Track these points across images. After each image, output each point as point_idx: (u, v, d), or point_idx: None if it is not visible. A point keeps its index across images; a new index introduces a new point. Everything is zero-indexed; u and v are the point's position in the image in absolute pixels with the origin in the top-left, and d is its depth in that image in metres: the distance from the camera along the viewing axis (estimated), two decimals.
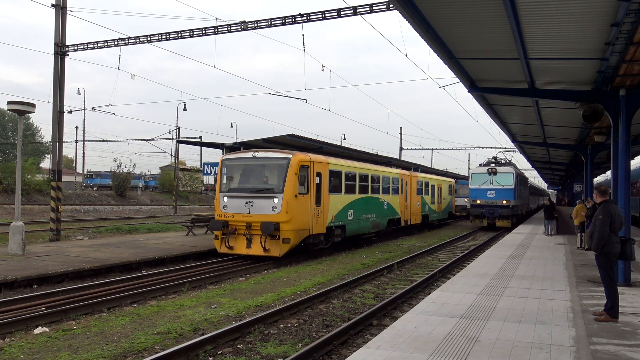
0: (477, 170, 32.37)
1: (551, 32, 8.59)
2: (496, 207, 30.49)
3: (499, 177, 30.84)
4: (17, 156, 16.40)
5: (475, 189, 31.57)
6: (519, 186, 32.59)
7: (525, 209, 39.72)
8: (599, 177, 47.69)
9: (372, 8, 15.88)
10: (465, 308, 8.11)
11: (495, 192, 30.58)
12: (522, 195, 34.79)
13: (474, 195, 31.35)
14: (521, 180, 34.79)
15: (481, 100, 14.88)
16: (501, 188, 30.65)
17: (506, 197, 30.38)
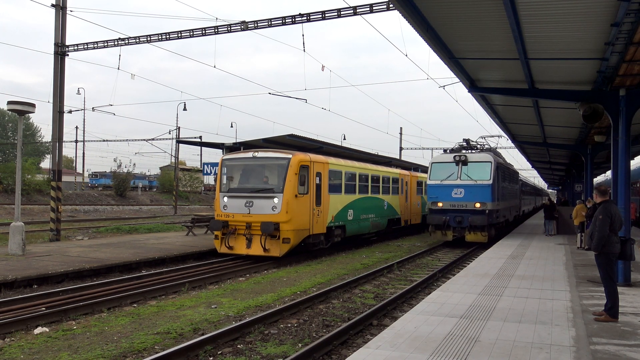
0: (438, 159, 21.59)
1: (551, 32, 8.59)
2: (465, 213, 20.02)
3: (471, 169, 20.52)
4: (17, 156, 16.40)
5: (436, 187, 20.94)
6: (501, 182, 22.16)
7: (514, 213, 28.39)
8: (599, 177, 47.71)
9: (372, 8, 15.88)
10: (465, 308, 8.11)
11: (463, 191, 20.26)
12: (506, 194, 23.85)
13: (434, 196, 20.96)
14: (505, 174, 23.74)
15: (481, 100, 14.88)
16: (473, 185, 20.18)
17: (480, 197, 20.01)
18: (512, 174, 27.74)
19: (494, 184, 20.29)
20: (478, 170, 20.39)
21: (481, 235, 19.99)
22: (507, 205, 24.49)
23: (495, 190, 20.37)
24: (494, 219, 20.42)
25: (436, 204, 20.76)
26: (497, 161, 21.51)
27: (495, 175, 20.51)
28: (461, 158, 20.64)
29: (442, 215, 20.35)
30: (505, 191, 23.69)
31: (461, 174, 20.53)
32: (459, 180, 20.48)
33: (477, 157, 20.81)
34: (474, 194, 20.11)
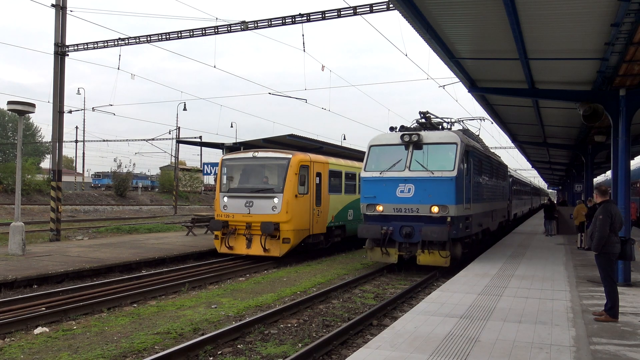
0: (379, 140, 14.49)
1: (551, 32, 8.59)
2: (417, 221, 13.37)
3: (427, 155, 13.67)
4: (17, 156, 16.40)
5: (373, 182, 13.93)
6: (476, 176, 15.24)
7: (500, 219, 21.08)
8: (599, 177, 47.73)
9: (372, 8, 15.88)
10: (465, 308, 8.11)
11: (414, 188, 13.35)
12: (485, 194, 16.83)
13: (370, 195, 13.95)
14: (483, 164, 16.75)
15: (481, 100, 14.89)
16: (428, 178, 13.26)
17: (439, 197, 13.16)
18: (496, 166, 20.25)
19: (462, 177, 13.26)
20: (437, 157, 13.31)
21: (440, 256, 12.89)
22: (487, 209, 17.14)
23: (463, 187, 13.35)
24: (462, 231, 13.26)
25: (374, 207, 13.50)
26: (468, 144, 14.03)
27: (464, 164, 13.52)
28: (412, 138, 13.30)
29: (382, 224, 13.36)
30: (483, 189, 16.41)
31: (411, 162, 13.27)
32: (407, 171, 13.20)
33: (437, 137, 13.63)
34: (430, 192, 12.93)
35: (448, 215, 12.82)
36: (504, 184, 23.27)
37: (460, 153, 13.20)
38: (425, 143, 13.58)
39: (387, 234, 13.34)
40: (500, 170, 21.91)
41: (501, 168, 22.31)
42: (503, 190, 22.52)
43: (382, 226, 13.42)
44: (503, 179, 22.67)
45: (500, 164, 22.52)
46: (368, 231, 13.59)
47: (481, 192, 16.19)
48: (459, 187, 13.15)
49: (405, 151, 13.62)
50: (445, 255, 13.13)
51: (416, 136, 13.52)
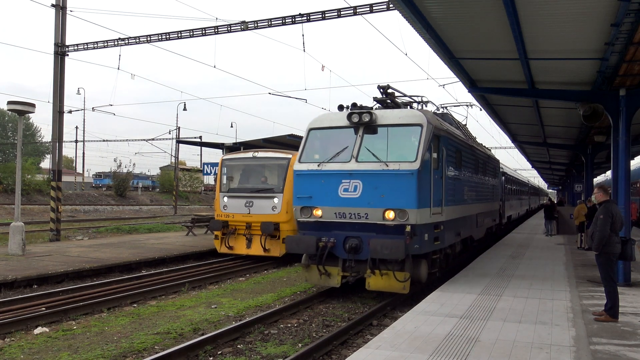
0: (321, 122, 10.95)
1: (551, 32, 8.59)
2: (365, 231, 9.85)
3: (381, 141, 10.22)
4: (17, 156, 16.40)
5: (309, 177, 10.39)
6: (451, 169, 11.67)
7: (488, 224, 17.84)
8: (599, 177, 47.76)
9: (372, 8, 15.88)
10: (465, 308, 8.11)
11: (361, 185, 9.80)
12: (465, 193, 13.38)
13: (306, 195, 10.34)
14: (462, 154, 13.02)
15: (481, 100, 14.89)
16: (379, 173, 9.71)
17: (395, 199, 9.58)
18: (484, 160, 16.66)
19: (428, 171, 9.89)
20: (395, 143, 10.05)
21: (395, 280, 9.60)
22: (469, 213, 13.72)
23: (431, 185, 9.99)
24: (428, 244, 9.98)
25: (310, 211, 10.19)
26: (439, 127, 10.64)
27: (433, 154, 10.18)
28: (362, 118, 10.01)
29: (322, 233, 10.08)
30: (464, 187, 12.97)
31: (360, 151, 9.97)
32: (353, 162, 9.89)
33: (395, 117, 10.17)
34: (383, 190, 9.59)
35: (407, 223, 9.21)
36: (495, 182, 19.50)
37: (426, 138, 9.65)
38: (380, 125, 10.03)
39: (325, 247, 9.78)
40: (489, 165, 18.12)
41: (490, 162, 18.41)
42: (493, 190, 18.95)
43: (321, 237, 9.87)
44: (493, 175, 19.07)
45: (490, 157, 18.70)
46: (298, 244, 10.01)
47: (460, 192, 12.46)
48: (424, 185, 9.54)
49: (354, 136, 10.07)
50: (402, 278, 9.52)
51: (368, 116, 9.88)
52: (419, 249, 9.64)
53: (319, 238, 9.94)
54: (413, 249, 9.48)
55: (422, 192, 9.56)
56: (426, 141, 9.72)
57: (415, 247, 9.48)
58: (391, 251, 9.14)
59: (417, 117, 10.07)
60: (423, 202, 9.57)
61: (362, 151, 9.97)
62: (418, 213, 9.38)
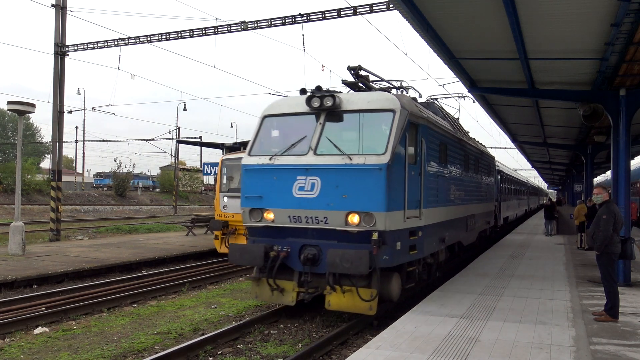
0: (277, 109, 9.13)
1: (551, 32, 8.60)
2: (324, 237, 8.07)
3: (346, 130, 8.62)
4: (17, 156, 16.40)
5: (260, 171, 8.58)
6: (433, 164, 9.88)
7: (481, 227, 16.18)
8: (599, 177, 47.76)
9: (372, 8, 15.88)
10: (465, 308, 8.11)
11: (319, 183, 8.03)
12: (448, 192, 11.23)
13: (255, 194, 8.55)
14: (446, 147, 10.95)
15: (481, 100, 14.89)
16: (341, 168, 7.93)
17: (358, 200, 7.81)
18: (475, 155, 14.92)
19: (401, 166, 8.27)
20: (362, 133, 8.49)
21: (359, 299, 7.94)
22: (457, 215, 12.12)
23: (405, 183, 8.38)
24: (402, 254, 8.35)
25: (260, 214, 8.59)
26: (417, 114, 8.96)
27: (410, 146, 8.59)
28: (324, 103, 8.43)
29: (274, 241, 8.50)
30: (450, 186, 11.40)
31: (320, 141, 8.40)
32: (311, 155, 8.31)
33: (363, 101, 8.52)
34: (346, 189, 7.97)
35: (374, 230, 7.59)
36: (489, 181, 18.00)
37: (399, 126, 7.98)
38: (345, 111, 8.39)
39: (277, 258, 8.15)
40: (483, 162, 16.48)
41: (484, 159, 16.76)
42: (487, 189, 17.35)
43: (273, 245, 8.30)
44: (487, 173, 17.47)
45: (483, 153, 16.78)
46: (242, 254, 8.41)
47: (445, 191, 10.88)
48: (396, 183, 7.94)
49: (315, 123, 8.46)
50: (368, 297, 7.83)
51: (330, 100, 8.26)
52: (389, 261, 7.81)
53: (270, 247, 8.27)
54: (381, 261, 7.67)
55: (394, 192, 7.87)
56: (399, 130, 7.99)
57: (384, 258, 7.70)
58: (352, 264, 7.39)
59: (389, 101, 8.30)
60: (394, 204, 7.89)
61: (322, 142, 8.27)
62: (388, 217, 7.64)
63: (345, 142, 8.31)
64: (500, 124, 19.45)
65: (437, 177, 10.22)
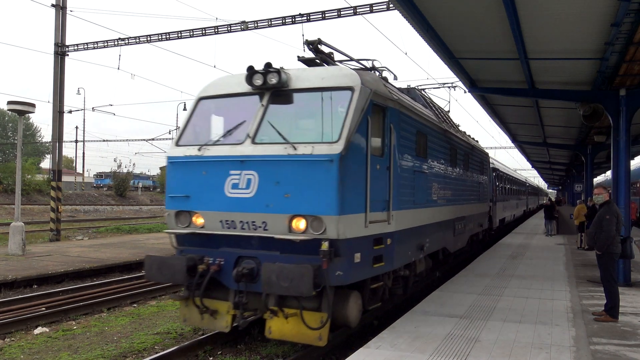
0: (215, 89, 7.55)
1: (551, 32, 8.60)
2: (264, 247, 6.56)
3: (293, 114, 7.12)
4: (17, 156, 16.40)
5: (186, 165, 7.02)
6: (408, 158, 8.27)
7: (472, 230, 14.73)
8: (599, 177, 47.76)
9: (372, 8, 15.88)
10: (465, 308, 8.11)
11: (256, 178, 6.48)
12: (429, 192, 9.67)
13: (179, 191, 7.02)
14: (425, 138, 9.39)
15: (481, 100, 14.89)
16: (282, 160, 6.39)
17: (303, 200, 6.24)
18: (465, 150, 13.48)
19: (361, 157, 6.68)
20: (312, 117, 7.10)
21: (305, 326, 6.31)
22: (442, 217, 10.72)
23: (367, 179, 6.77)
24: (362, 267, 6.76)
25: (188, 217, 7.14)
26: (383, 95, 7.37)
27: (369, 131, 6.83)
28: (268, 80, 6.89)
29: (206, 251, 6.95)
30: (431, 183, 9.86)
31: (260, 127, 6.87)
32: (248, 144, 6.76)
33: (315, 79, 6.97)
34: (289, 187, 6.40)
35: (324, 238, 6.12)
36: (483, 179, 16.54)
37: (358, 108, 6.49)
38: (294, 90, 6.95)
39: (206, 273, 6.62)
40: (474, 158, 14.94)
41: (475, 155, 15.26)
42: (480, 188, 15.85)
43: (203, 257, 6.76)
44: (480, 171, 15.95)
45: (474, 148, 15.23)
46: (161, 269, 6.86)
47: (424, 190, 9.36)
48: (353, 178, 6.43)
49: (258, 104, 6.97)
50: (317, 323, 6.31)
51: (275, 76, 6.79)
52: (344, 277, 6.24)
53: (200, 258, 6.71)
54: (334, 278, 6.12)
55: (350, 190, 6.31)
56: (358, 112, 6.46)
57: (337, 274, 6.14)
58: (292, 283, 5.80)
59: (346, 77, 6.78)
60: (351, 205, 6.35)
61: (263, 128, 6.74)
62: (341, 222, 6.12)
63: (293, 128, 6.93)
64: (500, 123, 19.45)
65: (414, 173, 8.67)
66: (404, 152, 8.12)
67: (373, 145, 6.98)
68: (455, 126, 13.77)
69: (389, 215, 7.41)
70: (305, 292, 5.81)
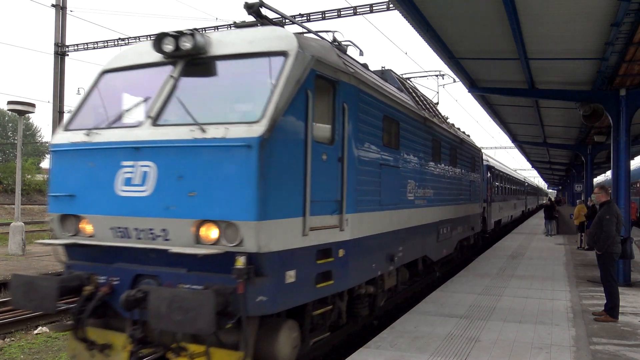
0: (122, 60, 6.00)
1: (551, 32, 8.60)
2: (164, 262, 4.90)
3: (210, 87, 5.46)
4: (17, 156, 16.41)
5: (72, 154, 5.36)
6: (363, 144, 6.50)
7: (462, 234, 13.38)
8: (599, 177, 47.78)
9: (372, 8, 15.89)
10: (465, 308, 8.11)
11: (154, 171, 4.87)
12: (398, 189, 7.94)
13: (63, 189, 5.38)
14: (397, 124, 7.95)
15: (481, 100, 14.89)
16: (187, 146, 4.79)
17: (214, 200, 4.63)
18: (450, 143, 11.82)
19: (296, 141, 5.09)
20: (234, 90, 5.46)
21: None
22: (419, 222, 9.23)
23: (306, 170, 5.18)
24: (296, 291, 5.10)
25: (74, 223, 5.39)
26: (325, 62, 5.61)
27: (308, 109, 5.20)
28: (181, 45, 5.32)
29: (94, 267, 5.26)
30: (405, 179, 8.39)
31: (165, 105, 5.24)
32: (147, 127, 5.11)
33: (240, 42, 5.40)
34: (194, 182, 4.77)
35: (241, 252, 4.63)
36: (474, 177, 15.16)
37: (292, 79, 5.03)
38: (214, 57, 5.47)
39: (93, 296, 5.12)
40: (464, 153, 13.55)
41: (465, 150, 13.83)
42: (472, 187, 14.62)
43: (92, 275, 5.24)
44: (471, 168, 14.54)
45: (464, 142, 13.68)
46: (27, 293, 5.09)
47: (397, 188, 7.91)
48: (282, 171, 4.96)
49: (167, 78, 5.46)
50: None
51: (189, 41, 5.35)
52: (270, 304, 4.72)
53: (87, 277, 5.18)
54: (254, 306, 4.62)
55: (278, 186, 4.80)
56: (292, 84, 4.96)
57: (259, 300, 4.62)
58: (186, 316, 4.34)
59: (279, 40, 5.32)
60: (280, 207, 4.84)
61: (171, 106, 5.22)
62: (264, 229, 4.61)
63: (211, 106, 5.33)
64: (500, 123, 19.46)
65: (380, 168, 7.17)
66: (366, 141, 6.68)
67: (317, 129, 5.50)
68: (441, 117, 12.32)
69: (341, 220, 5.90)
70: (204, 328, 4.28)
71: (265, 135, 4.61)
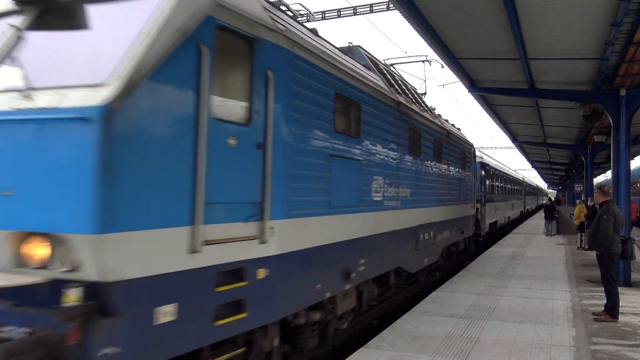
0: None
1: (551, 32, 8.60)
2: None
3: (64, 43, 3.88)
4: None
5: None
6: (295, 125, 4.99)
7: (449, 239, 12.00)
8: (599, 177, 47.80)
9: (372, 8, 15.88)
10: (465, 308, 8.11)
11: None
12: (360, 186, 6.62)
13: None
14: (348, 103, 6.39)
15: (481, 100, 14.90)
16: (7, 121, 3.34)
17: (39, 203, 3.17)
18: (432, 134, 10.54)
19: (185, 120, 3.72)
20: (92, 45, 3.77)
21: None
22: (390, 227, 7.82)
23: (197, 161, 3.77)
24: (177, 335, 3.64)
25: None
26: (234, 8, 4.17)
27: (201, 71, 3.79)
28: None
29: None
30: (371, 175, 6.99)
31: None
32: None
33: None
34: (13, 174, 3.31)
35: (77, 280, 3.18)
36: (465, 176, 13.96)
37: (169, 25, 3.59)
38: (73, 1, 3.96)
39: None
40: (452, 148, 12.29)
41: (453, 144, 12.51)
42: (462, 186, 13.34)
43: None
44: (460, 165, 13.25)
45: (451, 135, 12.37)
46: None
47: (357, 186, 6.63)
48: (150, 159, 3.45)
49: (11, 28, 3.95)
50: None
51: None
52: (133, 355, 3.41)
53: None
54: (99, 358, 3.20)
55: (137, 180, 3.40)
56: (172, 31, 3.64)
57: (106, 353, 3.22)
58: None
59: None
60: (139, 212, 3.41)
61: (4, 65, 3.85)
62: (112, 246, 3.20)
63: (54, 65, 3.86)
64: (500, 123, 19.46)
65: (329, 159, 5.82)
66: (307, 124, 5.30)
67: (221, 102, 4.24)
68: (425, 106, 10.89)
69: (262, 229, 4.54)
70: None
71: (113, 103, 3.16)
